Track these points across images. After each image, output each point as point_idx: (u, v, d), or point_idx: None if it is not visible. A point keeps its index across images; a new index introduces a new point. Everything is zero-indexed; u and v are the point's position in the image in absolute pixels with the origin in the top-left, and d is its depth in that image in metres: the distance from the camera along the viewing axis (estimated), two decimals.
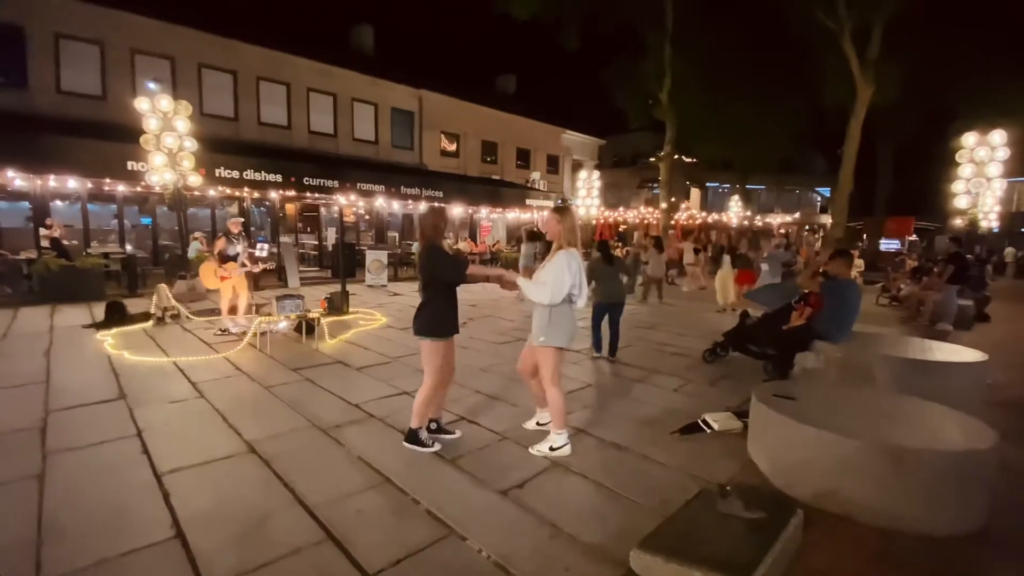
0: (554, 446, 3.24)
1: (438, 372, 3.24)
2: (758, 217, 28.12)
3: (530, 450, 3.27)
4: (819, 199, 35.74)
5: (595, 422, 3.84)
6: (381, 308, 8.85)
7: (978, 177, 10.95)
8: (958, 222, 12.09)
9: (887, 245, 24.42)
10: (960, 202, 11.33)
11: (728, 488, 2.37)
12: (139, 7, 13.13)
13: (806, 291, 5.11)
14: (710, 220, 27.09)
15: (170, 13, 13.67)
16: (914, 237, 26.08)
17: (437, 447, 3.28)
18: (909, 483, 2.47)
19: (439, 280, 3.20)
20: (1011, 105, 15.11)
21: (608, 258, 5.72)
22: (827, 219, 27.53)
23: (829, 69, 16.21)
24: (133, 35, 13.11)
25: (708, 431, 3.60)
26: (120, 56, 13.00)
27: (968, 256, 9.67)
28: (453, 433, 3.50)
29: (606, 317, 5.75)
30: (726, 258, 10.03)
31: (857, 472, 2.55)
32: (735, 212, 25.02)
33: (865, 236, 25.21)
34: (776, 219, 29.11)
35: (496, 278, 3.36)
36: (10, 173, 9.65)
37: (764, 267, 9.51)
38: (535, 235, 11.73)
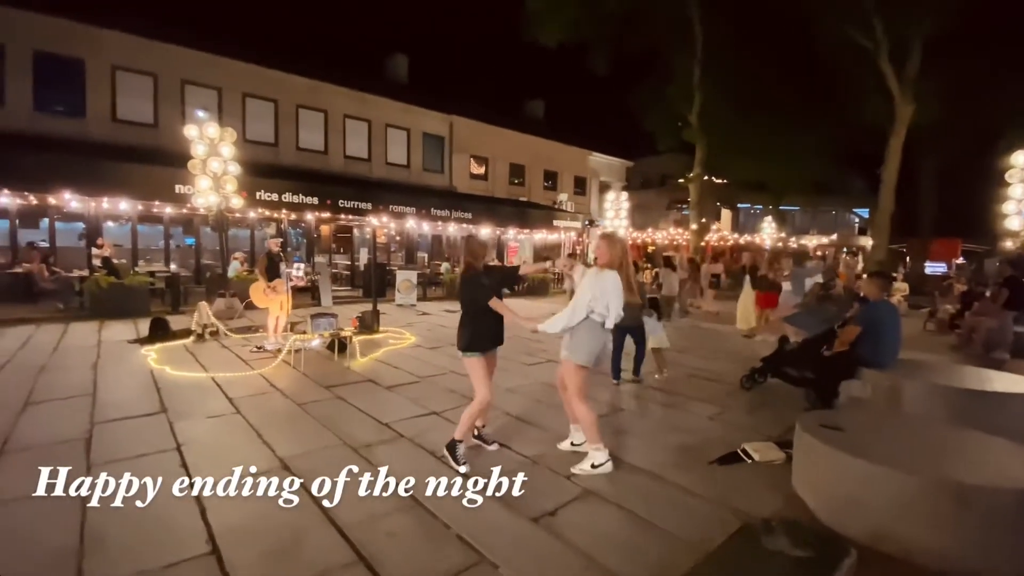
0: (596, 463, 3.26)
1: (486, 382, 3.38)
2: (793, 238, 27.38)
3: (573, 470, 3.27)
4: (857, 220, 34.61)
5: (628, 449, 3.73)
6: (410, 327, 8.93)
7: None
8: (1009, 244, 11.48)
9: (933, 268, 23.37)
10: (1012, 223, 10.78)
11: (774, 523, 2.24)
12: (191, 42, 13.99)
13: (848, 315, 4.91)
14: (742, 241, 26.54)
15: (219, 47, 14.51)
16: (961, 260, 24.90)
17: (465, 469, 3.25)
18: (971, 523, 2.30)
19: (472, 300, 3.40)
20: None
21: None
22: (866, 241, 26.62)
23: (865, 88, 15.87)
24: (184, 67, 13.92)
25: (748, 461, 3.45)
26: (171, 87, 13.81)
27: None
28: (491, 445, 3.62)
29: (626, 340, 5.60)
30: (746, 280, 9.67)
31: (915, 510, 2.38)
32: (768, 233, 24.44)
33: (908, 259, 24.22)
34: (812, 241, 28.28)
35: (517, 321, 3.49)
36: (67, 195, 10.25)
37: (786, 286, 9.13)
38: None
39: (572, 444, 3.62)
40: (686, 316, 10.30)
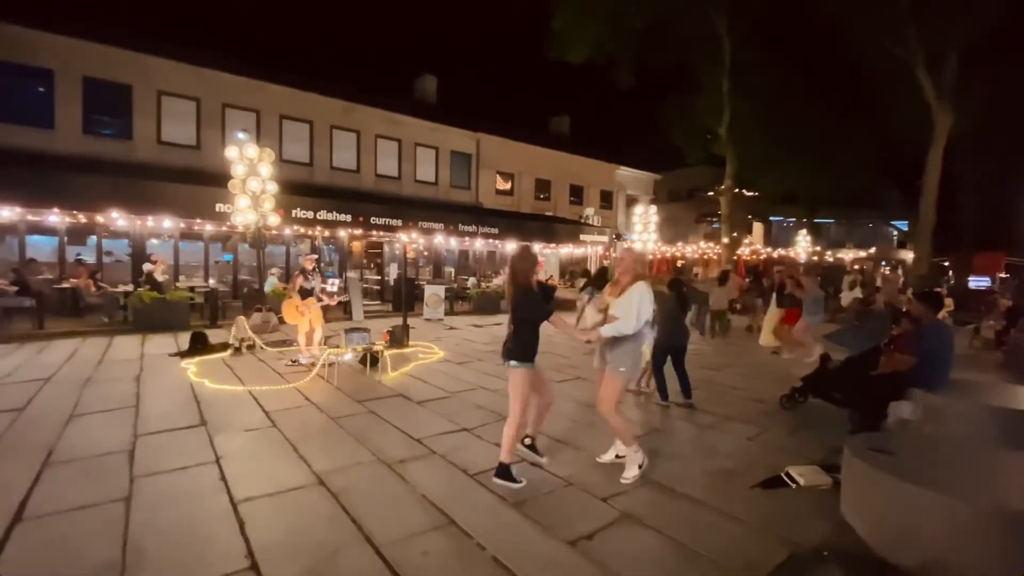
0: (641, 464, 3.43)
1: (525, 401, 3.37)
2: (828, 252, 26.58)
3: (622, 480, 3.37)
4: (895, 233, 33.45)
5: (666, 472, 3.63)
6: (439, 342, 8.98)
7: None
8: None
9: (976, 283, 22.34)
10: None
11: (825, 553, 2.15)
12: (233, 67, 14.66)
13: (895, 332, 4.71)
14: (775, 255, 25.89)
15: (258, 72, 15.15)
16: (1006, 274, 23.73)
17: (523, 483, 3.28)
18: None
19: (528, 318, 3.37)
20: None
21: (681, 299, 5.54)
22: (906, 254, 25.66)
23: (901, 98, 15.44)
24: (225, 92, 14.56)
25: (793, 486, 3.32)
26: (213, 110, 14.44)
27: None
28: (542, 457, 3.66)
29: (668, 360, 5.51)
30: (773, 297, 9.39)
31: (972, 540, 2.24)
32: (803, 247, 23.80)
33: (951, 273, 23.23)
34: (848, 254, 27.39)
35: (573, 334, 3.71)
36: (113, 214, 10.75)
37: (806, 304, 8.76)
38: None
39: (617, 456, 3.65)
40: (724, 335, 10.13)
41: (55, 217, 10.92)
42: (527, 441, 3.69)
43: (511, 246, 17.95)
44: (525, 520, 2.89)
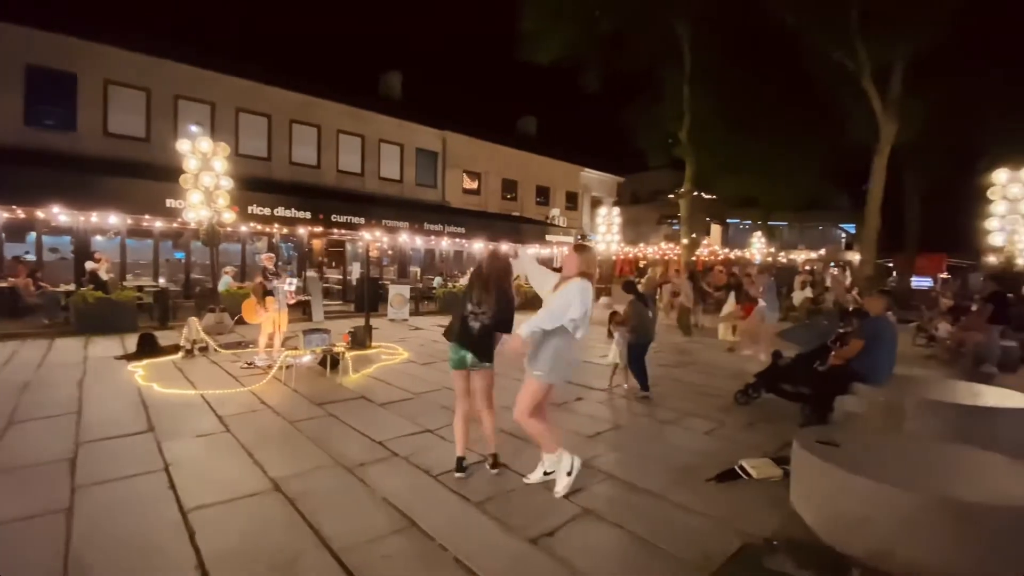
0: (568, 470, 3.17)
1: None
2: (782, 253, 27.71)
3: (555, 494, 3.15)
4: (844, 235, 35.16)
5: (627, 467, 3.70)
6: (403, 343, 8.86)
7: (1012, 214, 10.65)
8: (992, 259, 11.71)
9: (919, 283, 23.74)
10: (995, 239, 11.00)
11: (776, 543, 2.23)
12: (186, 57, 14.02)
13: (842, 330, 4.95)
14: (732, 256, 26.79)
15: (213, 63, 14.55)
16: (946, 274, 25.32)
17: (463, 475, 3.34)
18: (973, 541, 2.29)
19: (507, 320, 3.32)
20: None
21: (641, 297, 5.77)
22: (853, 256, 26.99)
23: (851, 107, 16.25)
24: (177, 82, 13.93)
25: (746, 478, 3.43)
26: (164, 101, 13.79)
27: (1009, 295, 9.29)
28: (493, 470, 3.52)
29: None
30: (731, 295, 9.80)
31: (917, 529, 2.37)
32: (758, 248, 24.72)
33: (895, 273, 24.58)
34: (800, 256, 28.64)
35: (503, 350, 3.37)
36: (55, 209, 10.13)
37: (762, 301, 9.17)
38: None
39: (545, 474, 3.32)
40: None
41: None
42: (490, 461, 3.51)
43: (478, 245, 17.92)
44: (487, 519, 2.89)
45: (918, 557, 2.34)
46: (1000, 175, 10.76)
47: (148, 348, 7.19)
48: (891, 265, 25.55)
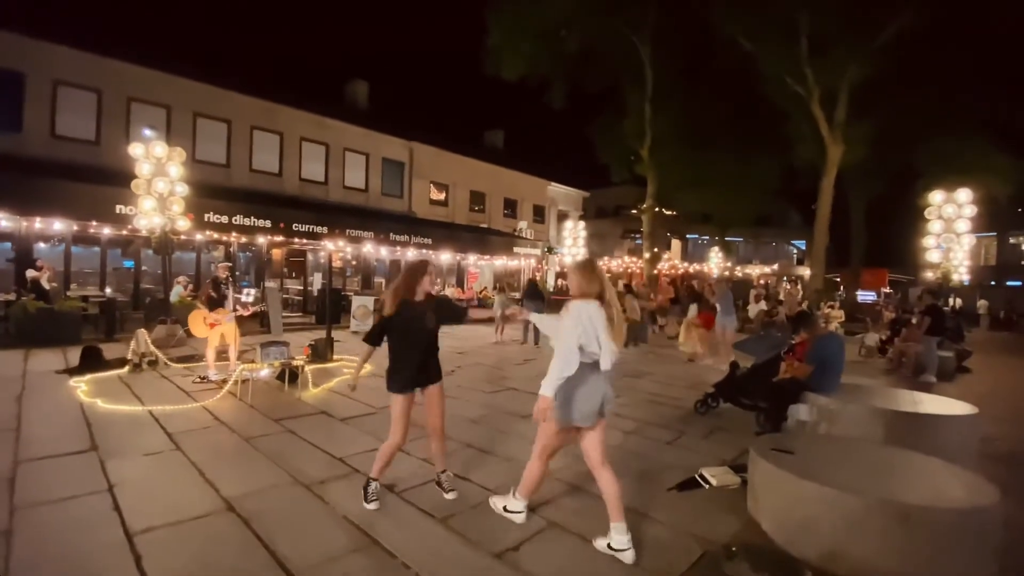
0: (511, 509, 3.00)
1: (396, 424, 3.21)
2: (738, 268, 28.80)
3: (489, 500, 3.15)
4: (795, 251, 36.90)
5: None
6: None
7: (948, 232, 11.43)
8: (930, 275, 12.51)
9: (864, 296, 25.09)
10: (932, 256, 11.77)
11: (734, 549, 2.29)
12: (139, 58, 13.51)
13: (794, 342, 5.17)
14: (691, 270, 27.66)
15: (169, 65, 14.06)
16: (889, 288, 26.87)
17: (375, 506, 3.10)
18: (917, 542, 2.42)
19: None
20: (973, 163, 15.97)
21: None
22: (804, 270, 28.32)
23: (801, 130, 17.19)
24: (131, 84, 13.38)
25: (706, 487, 3.52)
26: (116, 104, 13.22)
27: (945, 308, 9.94)
28: (448, 493, 3.32)
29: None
30: (693, 307, 10.10)
31: (864, 531, 2.49)
32: (716, 263, 25.63)
33: (843, 287, 25.91)
34: (755, 270, 29.87)
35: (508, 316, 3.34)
36: None
37: (719, 307, 9.53)
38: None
39: (504, 509, 3.03)
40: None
41: None
42: (436, 479, 3.39)
43: (446, 256, 17.83)
44: (451, 535, 2.85)
45: (866, 558, 2.45)
46: (935, 196, 11.54)
47: (92, 362, 6.77)
48: (839, 280, 26.92)
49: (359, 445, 4.26)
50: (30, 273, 9.07)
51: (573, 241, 19.80)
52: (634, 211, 25.17)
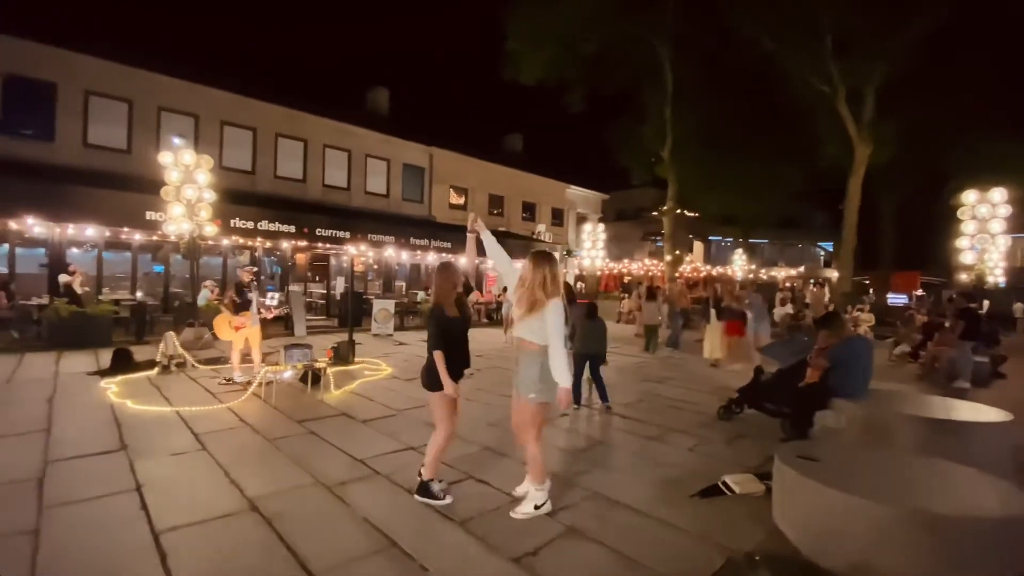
0: (538, 504, 3.11)
1: (446, 421, 3.26)
2: (763, 270, 28.26)
3: (513, 514, 3.08)
4: (822, 253, 36.04)
5: (609, 483, 3.68)
6: (387, 358, 8.77)
7: (982, 233, 11.03)
8: (964, 277, 12.08)
9: (895, 299, 24.34)
10: (965, 257, 11.37)
11: (757, 558, 2.24)
12: (169, 69, 13.93)
13: (820, 346, 5.03)
14: (714, 273, 27.24)
15: (197, 74, 14.47)
16: (920, 291, 26.02)
17: (449, 500, 3.22)
18: (948, 553, 2.32)
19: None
20: (1007, 164, 15.43)
21: (591, 315, 5.83)
22: (831, 273, 27.62)
23: (827, 129, 16.80)
24: (161, 94, 13.80)
25: (729, 494, 3.44)
26: (147, 113, 13.64)
27: (980, 311, 9.58)
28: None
29: (586, 368, 5.75)
30: (712, 312, 9.84)
31: (893, 541, 2.40)
32: (739, 265, 25.19)
33: (872, 290, 25.19)
34: (780, 273, 29.25)
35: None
36: (29, 220, 9.90)
37: (750, 314, 9.28)
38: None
39: (535, 507, 3.14)
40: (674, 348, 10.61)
41: None
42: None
43: (463, 260, 17.92)
44: (470, 539, 2.84)
45: (895, 569, 2.36)
46: (969, 196, 11.15)
47: (123, 363, 7.00)
48: (868, 282, 26.19)
49: (379, 447, 4.30)
50: (63, 278, 9.41)
51: (592, 244, 19.70)
52: (655, 213, 24.93)
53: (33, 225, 10.13)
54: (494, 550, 2.72)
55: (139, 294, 12.25)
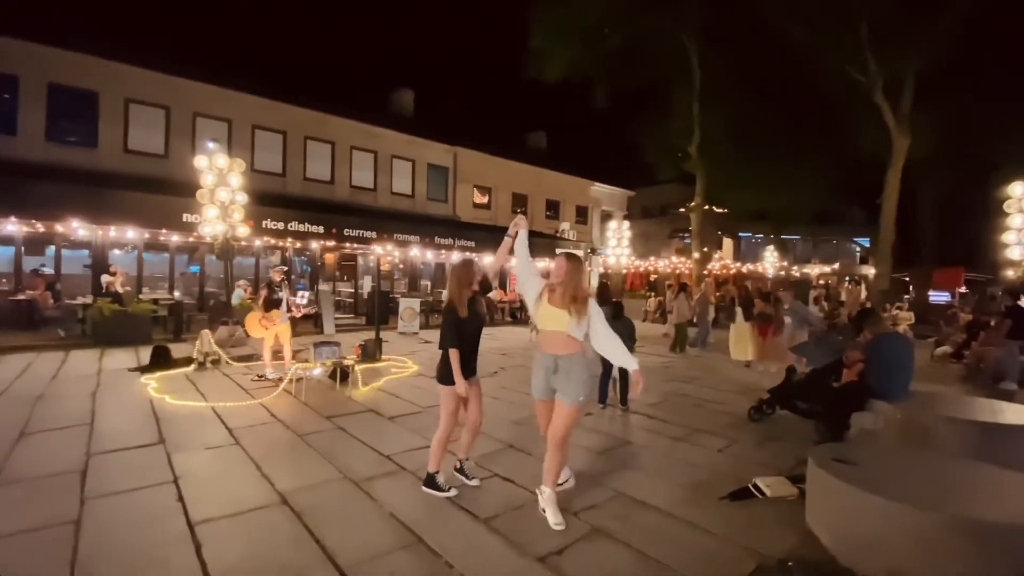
0: (562, 480, 3.23)
1: (451, 416, 3.37)
2: (795, 267, 27.42)
3: (555, 527, 2.93)
4: (858, 249, 34.77)
5: (636, 484, 3.64)
6: (412, 355, 8.87)
7: None
8: (1011, 273, 11.49)
9: (936, 297, 23.31)
10: (1012, 253, 10.81)
11: (790, 564, 2.17)
12: (204, 76, 14.40)
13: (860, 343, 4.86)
14: (744, 270, 26.58)
15: (231, 81, 14.93)
16: (964, 289, 24.86)
17: (453, 492, 3.29)
18: (992, 563, 2.21)
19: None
20: None
21: (617, 315, 5.74)
22: (868, 270, 26.64)
23: (862, 121, 16.19)
24: (196, 100, 14.28)
25: (760, 497, 3.36)
26: (183, 119, 14.14)
27: None
28: (472, 480, 3.51)
29: (614, 369, 5.68)
30: (738, 311, 9.55)
31: (934, 549, 2.29)
32: (771, 262, 24.51)
33: (912, 288, 24.20)
34: (814, 270, 28.32)
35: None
36: (74, 223, 10.37)
37: (788, 320, 8.91)
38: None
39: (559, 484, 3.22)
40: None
41: (12, 226, 10.48)
42: (457, 465, 3.55)
43: (488, 259, 17.98)
44: (495, 536, 2.85)
45: None
46: (1016, 188, 10.61)
47: (161, 360, 7.27)
48: (907, 279, 25.17)
49: (405, 443, 4.35)
50: (105, 278, 9.84)
51: (617, 242, 19.49)
52: (682, 210, 24.45)
53: (78, 228, 10.61)
54: (519, 548, 2.72)
55: (176, 293, 12.70)
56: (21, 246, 11.42)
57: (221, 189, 8.89)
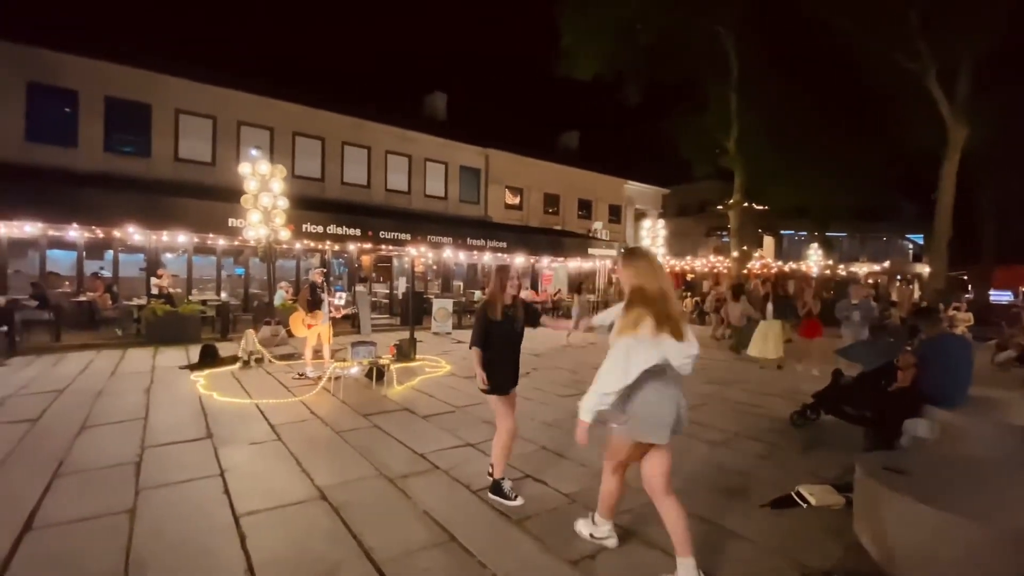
0: (596, 535, 2.80)
1: (506, 419, 3.30)
2: (841, 266, 26.24)
3: (575, 526, 2.87)
4: (911, 246, 33.00)
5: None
6: (446, 355, 8.97)
7: None
8: None
9: (997, 296, 21.91)
10: None
11: None
12: (248, 86, 15.02)
13: (908, 348, 4.61)
14: (787, 269, 25.63)
15: (273, 91, 15.53)
16: None
17: (520, 502, 3.24)
18: None
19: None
20: None
21: None
22: (922, 268, 25.26)
23: (913, 111, 15.33)
24: (240, 110, 14.91)
25: (804, 506, 3.23)
26: (228, 128, 14.78)
27: None
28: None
29: None
30: (769, 307, 9.05)
31: (991, 565, 2.15)
32: (814, 261, 23.54)
33: (971, 287, 22.80)
34: (862, 268, 27.00)
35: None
36: (130, 229, 10.98)
37: (855, 316, 8.37)
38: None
39: (590, 536, 2.83)
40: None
41: (74, 232, 11.20)
42: (488, 470, 3.45)
43: (520, 259, 18.01)
44: (527, 538, 2.84)
45: None
46: None
47: (209, 359, 7.62)
48: (965, 278, 23.73)
49: (439, 442, 4.40)
50: (152, 280, 10.40)
51: (651, 241, 19.12)
52: (719, 207, 23.82)
53: (133, 233, 11.24)
54: (552, 550, 2.71)
55: (223, 295, 13.26)
56: (83, 251, 12.17)
57: (264, 194, 9.23)
